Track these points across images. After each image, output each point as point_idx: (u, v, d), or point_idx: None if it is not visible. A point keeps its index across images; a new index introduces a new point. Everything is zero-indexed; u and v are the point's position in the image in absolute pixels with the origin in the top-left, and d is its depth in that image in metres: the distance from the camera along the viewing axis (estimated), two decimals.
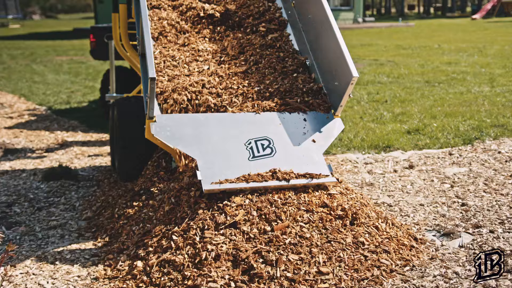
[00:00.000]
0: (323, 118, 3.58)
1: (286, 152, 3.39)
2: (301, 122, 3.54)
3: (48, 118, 7.37)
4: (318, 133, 3.52)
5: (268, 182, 3.16)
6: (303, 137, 3.49)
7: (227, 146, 3.35)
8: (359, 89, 9.01)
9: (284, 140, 3.45)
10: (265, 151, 3.38)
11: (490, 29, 24.38)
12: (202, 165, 3.20)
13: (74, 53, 17.41)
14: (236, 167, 3.23)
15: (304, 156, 3.39)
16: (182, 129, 3.36)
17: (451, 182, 4.37)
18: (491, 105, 7.30)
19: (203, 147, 3.30)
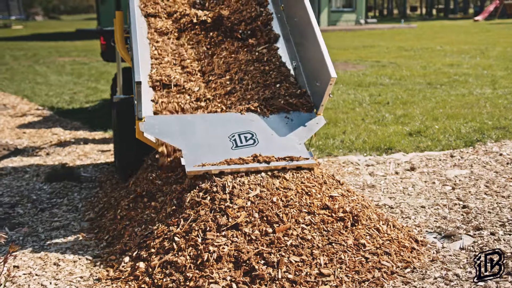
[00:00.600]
0: (306, 117, 3.75)
1: (268, 142, 3.55)
2: (284, 119, 3.73)
3: (51, 119, 7.40)
4: (301, 128, 3.70)
5: (249, 164, 3.31)
6: (285, 131, 3.66)
7: (211, 139, 3.53)
8: (361, 90, 9.03)
9: (267, 133, 3.62)
10: (248, 142, 3.56)
11: (493, 31, 24.38)
12: (186, 153, 3.39)
13: (76, 54, 17.45)
14: (219, 154, 3.41)
15: (286, 145, 3.55)
16: (169, 126, 3.55)
17: (452, 184, 4.38)
18: (493, 107, 7.31)
19: (188, 140, 3.48)
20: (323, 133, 6.09)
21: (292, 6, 4.27)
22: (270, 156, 3.38)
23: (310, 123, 3.72)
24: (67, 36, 28.31)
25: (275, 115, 3.74)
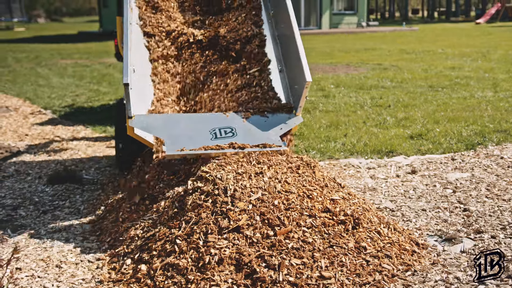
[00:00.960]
0: (284, 117, 4.05)
1: (246, 135, 3.86)
2: (263, 118, 4.04)
3: (53, 122, 7.42)
4: (278, 125, 3.99)
5: (224, 150, 3.61)
6: (263, 127, 3.97)
7: (193, 132, 3.85)
8: (362, 93, 9.04)
9: (246, 128, 3.94)
10: (227, 135, 3.89)
11: (494, 34, 24.39)
12: (168, 142, 3.70)
13: (78, 57, 17.49)
14: (198, 143, 3.71)
15: (262, 137, 3.87)
16: (156, 123, 3.88)
17: (453, 187, 4.39)
18: (494, 110, 7.32)
19: (171, 132, 3.80)
20: (324, 136, 6.11)
21: (278, 12, 4.48)
22: (246, 144, 3.68)
23: (287, 122, 4.02)
24: (69, 39, 28.37)
25: (256, 115, 4.05)
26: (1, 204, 4.23)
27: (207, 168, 3.41)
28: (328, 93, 9.15)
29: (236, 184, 3.22)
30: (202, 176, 3.36)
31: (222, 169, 3.40)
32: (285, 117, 4.07)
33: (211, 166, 3.43)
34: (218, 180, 3.26)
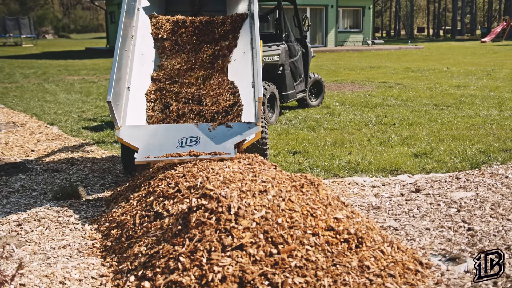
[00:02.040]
0: (245, 126, 4.71)
1: (207, 144, 4.56)
2: (227, 128, 4.73)
3: (59, 138, 7.47)
4: (237, 135, 4.65)
5: (182, 157, 4.31)
6: (224, 137, 4.65)
7: (164, 141, 4.63)
8: (367, 111, 9.07)
9: (209, 137, 4.65)
10: (191, 143, 4.61)
11: (500, 53, 24.44)
12: (141, 149, 4.51)
13: (85, 73, 17.63)
14: (164, 151, 4.47)
15: (219, 145, 4.53)
16: (137, 133, 4.71)
17: (457, 206, 4.39)
18: (499, 129, 7.32)
19: (145, 141, 4.60)
20: (329, 154, 6.12)
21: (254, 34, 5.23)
22: (201, 152, 4.39)
23: (246, 132, 4.67)
24: (76, 55, 28.62)
25: (221, 125, 4.77)
26: (7, 220, 4.26)
27: (212, 186, 3.42)
28: (333, 110, 9.18)
29: (240, 202, 3.23)
30: (206, 194, 3.38)
31: (226, 187, 3.42)
32: (246, 127, 4.72)
33: (215, 183, 3.45)
34: (222, 197, 3.27)
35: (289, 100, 8.85)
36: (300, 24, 9.37)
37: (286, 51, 8.62)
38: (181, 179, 3.97)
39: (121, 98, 4.94)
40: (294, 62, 8.94)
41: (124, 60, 5.27)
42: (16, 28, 41.72)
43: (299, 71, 9.13)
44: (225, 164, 4.12)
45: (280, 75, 8.58)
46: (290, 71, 8.80)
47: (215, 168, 3.98)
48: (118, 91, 4.87)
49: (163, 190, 3.93)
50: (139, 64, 5.58)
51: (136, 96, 5.27)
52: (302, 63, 9.28)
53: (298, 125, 8.00)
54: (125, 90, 5.14)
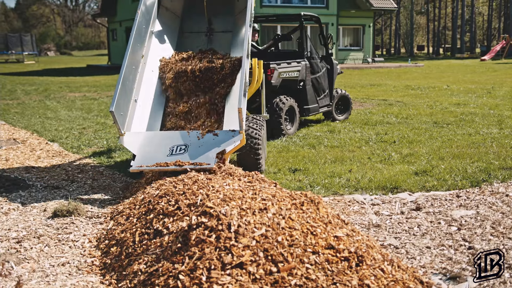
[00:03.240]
0: (229, 134, 5.41)
1: (194, 152, 5.27)
2: (213, 136, 5.46)
3: (59, 154, 7.47)
4: (222, 144, 5.34)
5: (169, 167, 5.05)
6: (209, 145, 5.35)
7: (158, 148, 5.38)
8: (367, 129, 9.08)
9: (196, 146, 5.36)
10: (180, 152, 5.32)
11: (499, 71, 24.55)
12: (138, 157, 5.30)
13: (87, 90, 17.70)
14: (157, 160, 5.21)
15: (203, 154, 5.24)
16: (137, 139, 5.51)
17: (458, 224, 4.38)
18: (499, 147, 7.33)
19: (142, 149, 5.38)
20: (329, 171, 6.12)
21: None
22: (185, 162, 5.11)
23: (229, 140, 5.35)
24: (78, 72, 28.75)
25: (209, 133, 5.50)
26: (6, 237, 4.25)
27: (212, 204, 3.42)
28: (333, 128, 9.20)
29: (240, 220, 3.23)
30: (206, 211, 3.38)
31: (226, 205, 3.42)
32: (230, 135, 5.41)
33: (215, 201, 3.45)
34: (222, 215, 3.27)
35: (311, 113, 9.30)
36: (325, 42, 9.90)
37: (307, 68, 9.12)
38: (181, 196, 3.97)
39: (126, 109, 5.71)
40: (317, 78, 9.44)
41: (131, 76, 6.02)
42: (18, 45, 42.00)
43: (322, 87, 9.61)
44: (225, 182, 4.12)
45: (301, 90, 9.07)
46: (312, 86, 9.29)
47: (215, 186, 3.99)
48: (122, 102, 5.63)
49: (163, 208, 3.93)
50: (149, 79, 6.42)
51: (142, 107, 6.11)
52: (327, 79, 9.80)
53: (299, 142, 8.01)
54: (132, 102, 5.93)
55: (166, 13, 7.25)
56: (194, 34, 7.35)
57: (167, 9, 7.27)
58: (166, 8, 7.26)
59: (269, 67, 8.29)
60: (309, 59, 9.30)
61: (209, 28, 7.35)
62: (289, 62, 8.78)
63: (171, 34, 7.19)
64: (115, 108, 5.33)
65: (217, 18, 7.32)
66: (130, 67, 5.96)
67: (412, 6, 55.33)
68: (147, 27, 6.65)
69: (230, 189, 3.85)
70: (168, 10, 7.29)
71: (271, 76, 8.28)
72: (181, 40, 7.33)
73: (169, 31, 7.16)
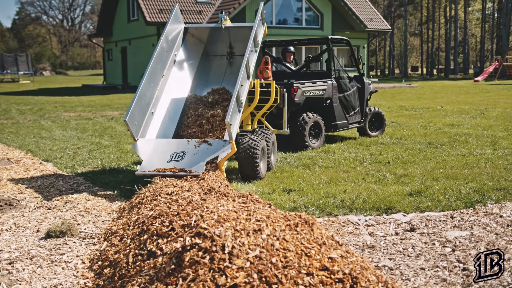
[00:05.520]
0: (221, 143, 6.37)
1: (189, 160, 6.21)
2: (207, 145, 6.40)
3: (53, 174, 7.45)
4: (214, 152, 6.28)
5: (165, 172, 6.00)
6: (202, 153, 6.27)
7: (161, 155, 6.34)
8: (362, 149, 9.11)
9: (191, 154, 6.31)
10: (178, 159, 6.26)
11: (492, 92, 24.73)
12: (144, 162, 6.32)
13: (82, 109, 17.71)
14: (157, 165, 6.20)
15: (196, 161, 6.18)
16: (146, 146, 6.54)
17: (452, 245, 4.37)
18: (493, 168, 7.35)
19: (148, 154, 6.40)
20: (323, 192, 6.13)
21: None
22: (179, 168, 6.05)
23: (220, 149, 6.27)
24: (73, 91, 28.78)
25: (205, 142, 6.43)
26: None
27: (206, 225, 3.41)
28: (328, 148, 9.22)
29: (234, 241, 3.22)
30: (200, 232, 3.37)
31: (220, 226, 3.41)
32: (221, 144, 6.33)
33: (209, 222, 3.44)
34: (216, 236, 3.26)
35: (339, 129, 9.93)
36: (356, 63, 10.56)
37: (334, 87, 9.77)
38: (175, 217, 3.96)
39: (140, 119, 6.76)
40: (346, 96, 10.03)
41: (149, 92, 7.04)
42: (14, 64, 42.05)
43: (351, 104, 10.18)
44: (219, 203, 4.12)
45: (327, 107, 9.72)
46: (339, 104, 9.91)
47: (210, 207, 3.98)
48: (137, 114, 6.66)
49: (157, 229, 3.92)
50: (168, 95, 7.51)
51: (158, 118, 7.21)
52: (357, 97, 10.39)
53: (293, 163, 8.02)
54: (149, 114, 7.01)
55: (192, 38, 8.35)
56: (218, 57, 8.46)
57: (193, 35, 8.37)
58: (192, 35, 8.35)
59: (292, 86, 8.94)
60: (338, 79, 9.94)
61: (229, 52, 8.39)
62: (314, 81, 9.47)
63: (194, 57, 8.30)
64: (129, 118, 6.38)
65: (237, 43, 8.27)
66: (149, 85, 7.02)
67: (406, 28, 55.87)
68: (170, 51, 7.72)
69: (225, 210, 3.84)
70: (194, 36, 8.38)
71: (294, 95, 8.94)
72: (204, 62, 8.41)
73: (192, 55, 8.27)
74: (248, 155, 6.71)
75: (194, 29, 8.32)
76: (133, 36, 30.71)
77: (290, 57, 10.45)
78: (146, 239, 3.87)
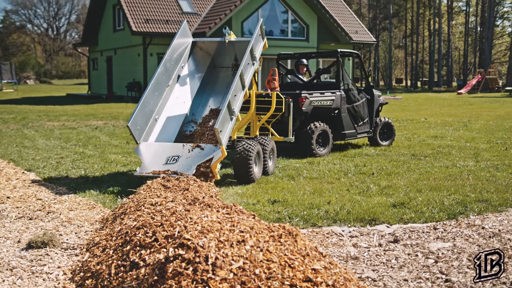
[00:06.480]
0: (212, 148, 6.95)
1: (182, 163, 6.82)
2: (200, 150, 6.99)
3: (36, 184, 7.37)
4: (205, 156, 6.84)
5: (160, 175, 6.50)
6: (195, 157, 6.87)
7: (158, 158, 6.98)
8: (346, 161, 9.15)
9: (185, 157, 6.92)
10: (172, 162, 6.88)
11: (475, 104, 25.02)
12: (143, 164, 7.01)
13: (66, 119, 17.58)
14: (154, 168, 6.85)
15: (188, 165, 6.77)
16: (147, 149, 7.22)
17: (435, 257, 4.40)
18: (475, 179, 7.42)
19: (147, 157, 7.08)
20: (308, 203, 6.13)
21: None
22: (172, 171, 6.65)
23: (211, 154, 6.83)
24: (57, 100, 28.58)
25: (197, 147, 7.00)
26: None
27: (189, 236, 3.40)
28: (312, 159, 9.25)
29: (217, 252, 3.21)
30: (183, 243, 3.35)
31: (204, 237, 3.40)
32: (212, 149, 6.90)
33: (193, 233, 3.42)
34: (200, 247, 3.25)
35: (347, 138, 10.42)
36: (366, 75, 11.03)
37: (342, 97, 10.22)
38: (159, 228, 3.94)
39: (143, 125, 7.43)
40: (354, 106, 10.50)
41: (152, 100, 7.70)
42: None
43: (360, 115, 10.62)
44: (203, 213, 4.10)
45: (336, 117, 10.18)
46: (348, 114, 10.34)
47: (194, 217, 3.96)
48: (140, 120, 7.33)
49: (140, 239, 3.89)
50: (172, 103, 8.14)
51: (162, 124, 7.85)
52: (367, 108, 10.84)
53: (278, 173, 8.03)
54: (152, 120, 7.68)
55: (200, 51, 9.00)
56: (224, 68, 9.07)
57: (201, 48, 9.02)
58: (200, 48, 9.01)
59: (300, 96, 9.51)
60: (347, 90, 10.42)
61: (234, 64, 8.96)
62: (323, 92, 9.98)
63: (201, 68, 8.94)
64: (131, 123, 7.13)
65: (241, 55, 8.62)
66: (153, 94, 7.71)
67: (391, 40, 56.41)
68: (176, 63, 8.38)
69: (208, 221, 3.83)
70: (202, 50, 9.03)
71: (302, 104, 9.51)
72: (211, 73, 9.03)
73: (199, 66, 8.93)
74: (242, 158, 7.18)
75: (202, 42, 8.99)
76: (119, 46, 30.62)
77: (303, 69, 11.01)
78: (129, 250, 3.84)
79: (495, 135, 12.66)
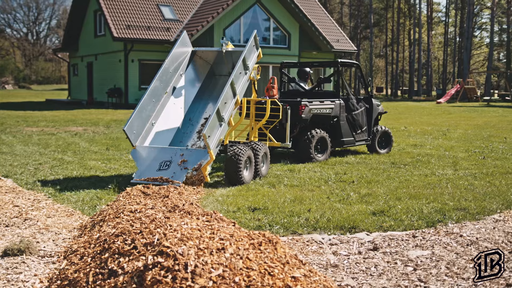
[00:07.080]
0: (201, 153, 7.41)
1: (174, 169, 7.24)
2: (190, 154, 7.39)
3: (13, 191, 7.26)
4: (197, 161, 7.27)
5: (153, 181, 6.92)
6: (186, 162, 7.28)
7: (153, 162, 7.40)
8: (327, 168, 9.18)
9: (177, 162, 7.30)
10: (165, 167, 7.28)
11: (454, 113, 25.34)
12: (139, 169, 7.42)
13: (45, 124, 17.38)
14: (148, 175, 7.24)
15: (179, 171, 7.20)
16: (142, 153, 7.60)
17: (414, 265, 4.43)
18: (454, 188, 7.50)
19: (142, 161, 7.50)
20: (288, 211, 6.13)
21: None
22: (165, 179, 7.03)
23: (201, 158, 7.28)
24: (36, 106, 28.28)
25: (187, 152, 7.45)
26: None
27: (169, 243, 3.37)
28: (293, 167, 9.26)
29: (197, 260, 3.19)
30: (163, 251, 3.32)
31: (183, 244, 3.37)
32: (201, 154, 7.36)
33: (172, 241, 3.40)
34: (179, 255, 3.22)
35: (346, 145, 10.73)
36: (366, 85, 11.36)
37: (341, 106, 10.55)
38: (138, 235, 3.90)
39: (139, 129, 7.87)
40: (353, 115, 10.79)
41: (150, 106, 8.15)
42: None
43: (358, 123, 10.89)
44: (183, 221, 4.08)
45: (334, 125, 10.52)
46: (346, 122, 10.66)
47: (173, 225, 3.94)
48: (136, 124, 7.77)
49: (119, 247, 3.86)
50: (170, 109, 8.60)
51: (158, 128, 8.31)
52: (365, 117, 11.12)
53: (259, 181, 8.02)
54: (149, 125, 8.12)
55: (199, 60, 9.46)
56: (222, 76, 9.47)
57: (201, 57, 9.47)
58: (200, 57, 9.46)
59: (300, 103, 9.80)
60: (346, 99, 10.74)
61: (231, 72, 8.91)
62: (322, 100, 10.34)
63: (199, 76, 9.41)
64: (127, 127, 7.54)
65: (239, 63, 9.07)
66: (150, 100, 8.17)
67: (372, 49, 56.95)
68: (175, 71, 8.83)
69: (188, 228, 3.81)
70: (201, 58, 9.49)
71: (302, 111, 9.80)
72: (209, 81, 9.46)
73: (198, 75, 9.39)
74: (232, 161, 7.56)
75: (201, 52, 9.48)
76: (100, 52, 30.44)
77: (305, 77, 11.44)
78: (107, 257, 3.80)
79: (473, 144, 12.82)
